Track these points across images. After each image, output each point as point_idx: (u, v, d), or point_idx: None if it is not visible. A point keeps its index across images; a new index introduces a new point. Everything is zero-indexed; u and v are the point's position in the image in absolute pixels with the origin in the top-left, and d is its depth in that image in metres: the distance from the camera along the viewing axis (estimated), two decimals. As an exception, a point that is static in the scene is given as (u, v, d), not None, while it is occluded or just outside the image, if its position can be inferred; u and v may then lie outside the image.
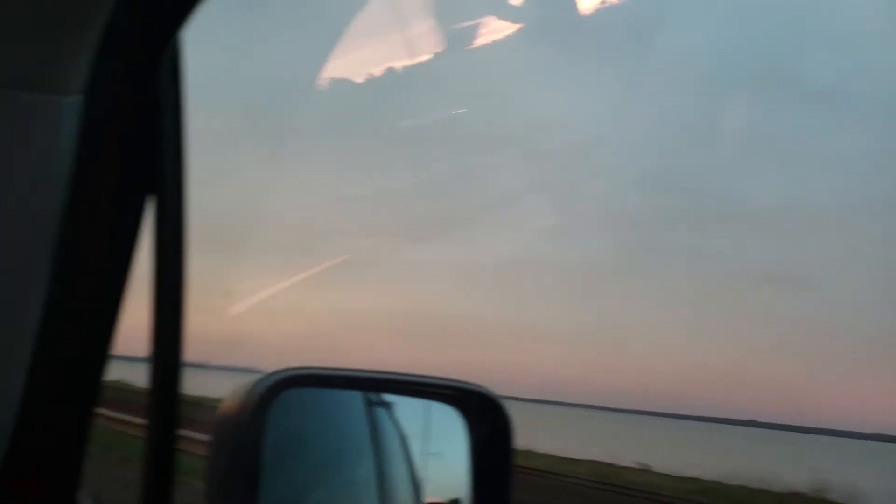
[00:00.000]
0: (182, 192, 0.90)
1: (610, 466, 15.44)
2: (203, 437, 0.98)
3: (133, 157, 0.86)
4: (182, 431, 0.95)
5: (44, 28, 0.71)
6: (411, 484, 1.26)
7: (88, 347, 0.94)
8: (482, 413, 1.17)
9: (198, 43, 0.85)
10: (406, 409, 1.27)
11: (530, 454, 14.46)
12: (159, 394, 0.92)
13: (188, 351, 0.97)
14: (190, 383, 0.98)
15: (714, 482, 14.49)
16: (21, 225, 0.83)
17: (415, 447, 1.28)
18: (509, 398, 1.19)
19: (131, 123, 0.84)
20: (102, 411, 1.04)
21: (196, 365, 0.98)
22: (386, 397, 1.25)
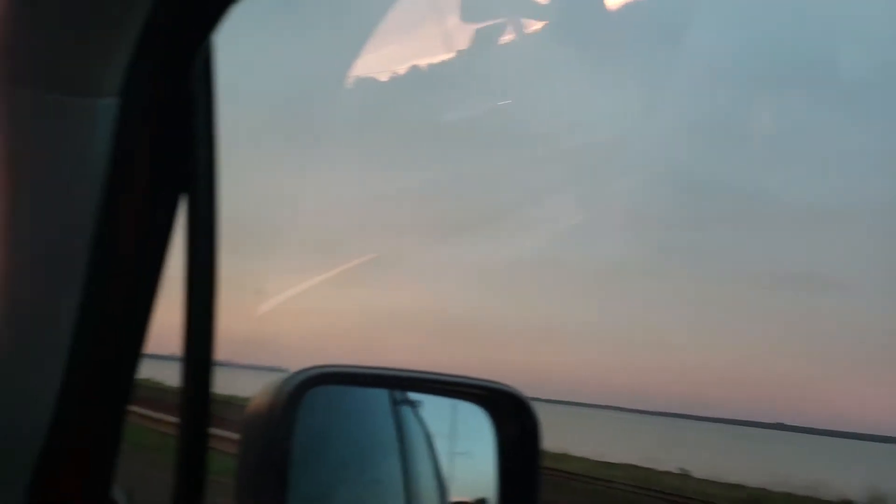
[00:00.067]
0: (214, 192, 0.91)
1: (648, 471, 14.87)
2: (231, 436, 0.99)
3: (166, 158, 0.87)
4: (214, 430, 0.96)
5: (80, 32, 0.72)
6: (437, 482, 1.26)
7: (122, 346, 0.95)
8: (510, 413, 1.16)
9: (227, 44, 0.86)
10: (433, 408, 1.27)
11: (565, 457, 14.08)
12: (191, 392, 0.93)
13: (218, 349, 0.97)
14: (218, 382, 0.99)
15: (759, 489, 13.93)
16: (57, 225, 0.85)
17: (441, 446, 1.28)
18: (536, 399, 1.18)
19: (165, 124, 0.85)
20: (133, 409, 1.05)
21: (223, 364, 0.98)
22: (413, 396, 1.25)
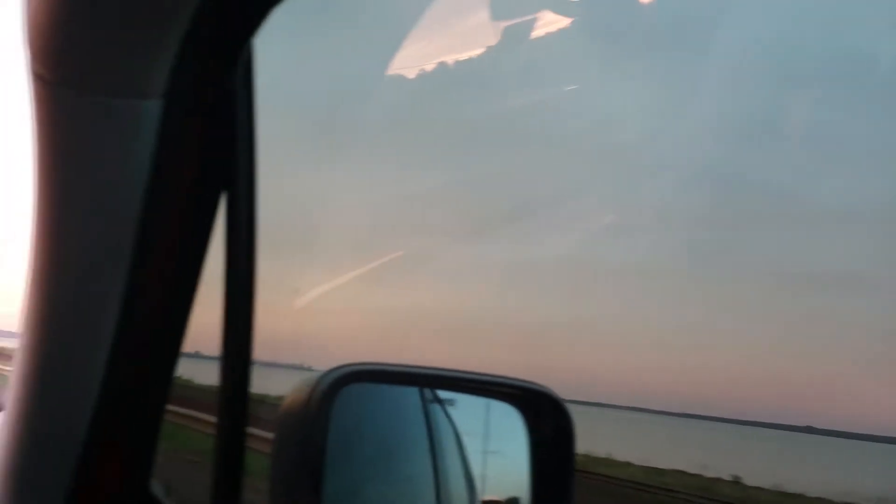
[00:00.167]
0: (254, 192, 0.92)
1: (697, 477, 13.97)
2: (263, 434, 0.99)
3: (208, 159, 0.88)
4: (251, 429, 0.97)
5: (126, 36, 0.73)
6: (468, 481, 1.26)
7: (163, 344, 0.97)
8: (544, 414, 1.16)
9: (267, 46, 0.87)
10: (465, 407, 1.27)
11: (610, 462, 13.47)
12: (229, 391, 0.94)
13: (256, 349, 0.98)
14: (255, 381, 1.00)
15: (818, 499, 13.13)
16: (101, 226, 0.87)
17: (474, 445, 1.28)
18: (570, 401, 1.17)
19: (207, 125, 0.86)
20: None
21: (259, 363, 0.99)
22: (445, 394, 1.26)
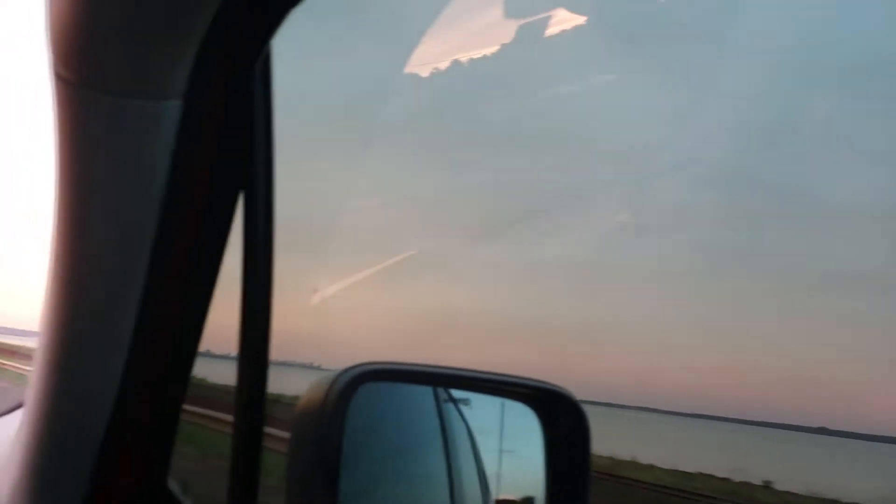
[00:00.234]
0: (271, 192, 0.93)
1: (727, 482, 13.53)
2: (280, 434, 1.00)
3: (226, 159, 0.89)
4: (268, 429, 0.97)
5: (146, 37, 0.74)
6: (482, 481, 1.26)
7: (180, 343, 0.98)
8: (559, 414, 1.16)
9: (284, 47, 0.88)
10: (480, 407, 1.27)
11: (636, 465, 13.04)
12: (246, 391, 0.95)
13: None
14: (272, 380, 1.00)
15: None
16: (120, 226, 0.88)
17: (488, 445, 1.28)
18: (591, 402, 1.17)
19: (225, 126, 0.87)
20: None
21: (275, 363, 1.00)
22: (460, 394, 1.26)
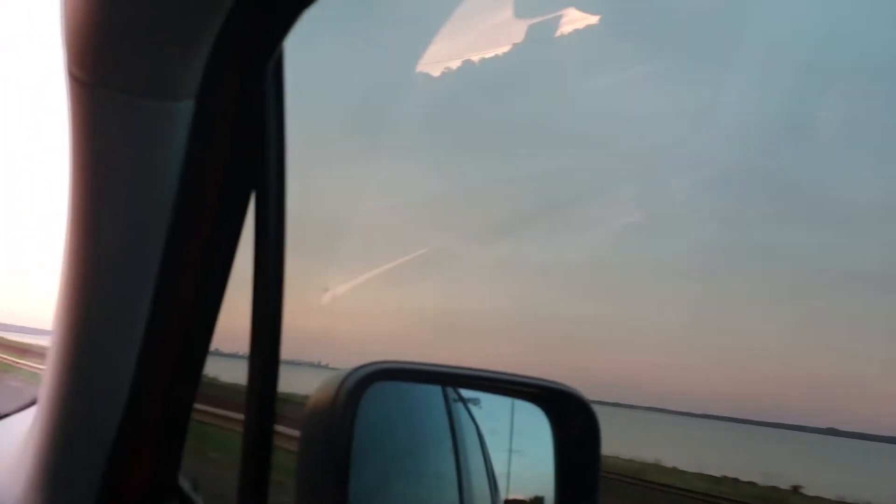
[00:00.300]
0: (283, 192, 0.93)
1: (754, 486, 12.86)
2: (290, 432, 1.00)
3: (238, 159, 0.90)
4: (279, 427, 0.98)
5: (160, 38, 0.75)
6: (492, 481, 1.26)
7: (192, 341, 0.99)
8: (569, 414, 1.15)
9: (296, 48, 0.88)
10: (490, 407, 1.27)
11: (661, 468, 12.58)
12: (257, 390, 0.95)
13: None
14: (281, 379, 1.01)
15: None
16: (133, 225, 0.88)
17: (498, 444, 1.28)
18: (607, 403, 1.16)
19: (238, 126, 0.88)
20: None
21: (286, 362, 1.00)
22: (469, 393, 1.26)
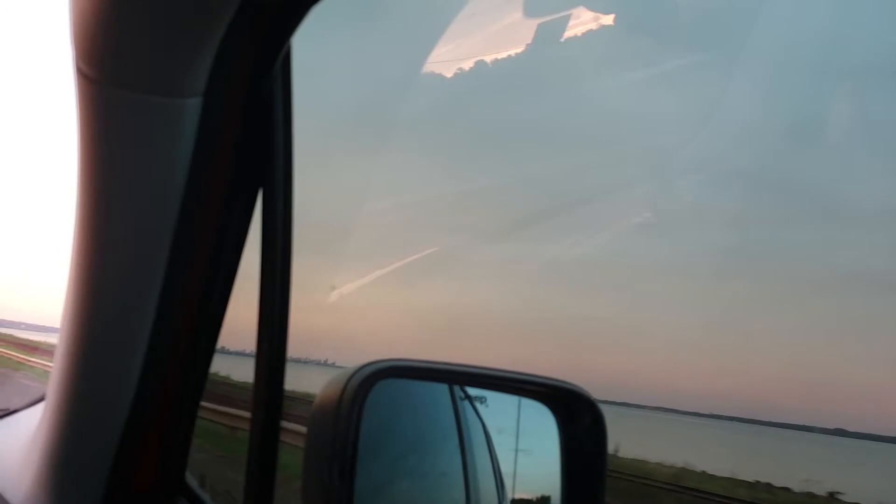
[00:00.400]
0: (290, 190, 0.93)
1: (789, 492, 12.11)
2: (297, 429, 1.00)
3: (245, 156, 0.90)
4: (285, 423, 0.98)
5: (168, 36, 0.75)
6: (498, 479, 1.26)
7: (199, 339, 0.99)
8: (576, 413, 1.15)
9: (304, 46, 0.88)
10: (497, 405, 1.27)
11: (691, 473, 11.76)
12: (264, 387, 0.95)
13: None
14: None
15: None
16: (141, 222, 0.89)
17: (504, 443, 1.28)
18: (602, 401, 1.16)
19: (245, 124, 0.88)
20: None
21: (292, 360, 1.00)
22: (476, 392, 1.25)
